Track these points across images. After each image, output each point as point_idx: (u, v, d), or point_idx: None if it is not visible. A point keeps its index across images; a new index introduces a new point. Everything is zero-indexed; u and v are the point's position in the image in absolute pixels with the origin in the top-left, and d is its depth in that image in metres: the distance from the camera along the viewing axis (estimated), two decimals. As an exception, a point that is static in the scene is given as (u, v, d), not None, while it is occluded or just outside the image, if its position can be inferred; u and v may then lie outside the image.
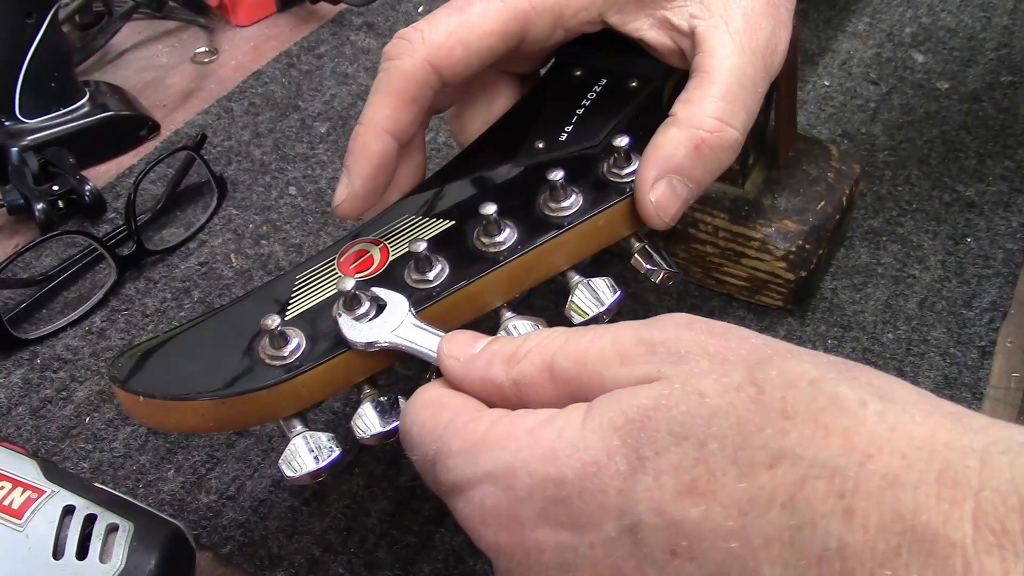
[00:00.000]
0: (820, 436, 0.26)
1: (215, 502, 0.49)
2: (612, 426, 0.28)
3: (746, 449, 0.26)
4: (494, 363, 0.33)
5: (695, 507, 0.27)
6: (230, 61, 0.79)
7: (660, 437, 0.28)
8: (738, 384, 0.28)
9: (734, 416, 0.27)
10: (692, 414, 0.28)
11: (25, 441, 0.52)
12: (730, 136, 0.40)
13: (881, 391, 0.27)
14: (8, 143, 0.66)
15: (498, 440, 0.30)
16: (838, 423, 0.26)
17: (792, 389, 0.27)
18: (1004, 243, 0.60)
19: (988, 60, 0.75)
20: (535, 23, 0.43)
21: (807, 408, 0.27)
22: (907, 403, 0.27)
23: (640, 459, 0.28)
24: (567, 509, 0.29)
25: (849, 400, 0.27)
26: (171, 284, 0.60)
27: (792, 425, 0.26)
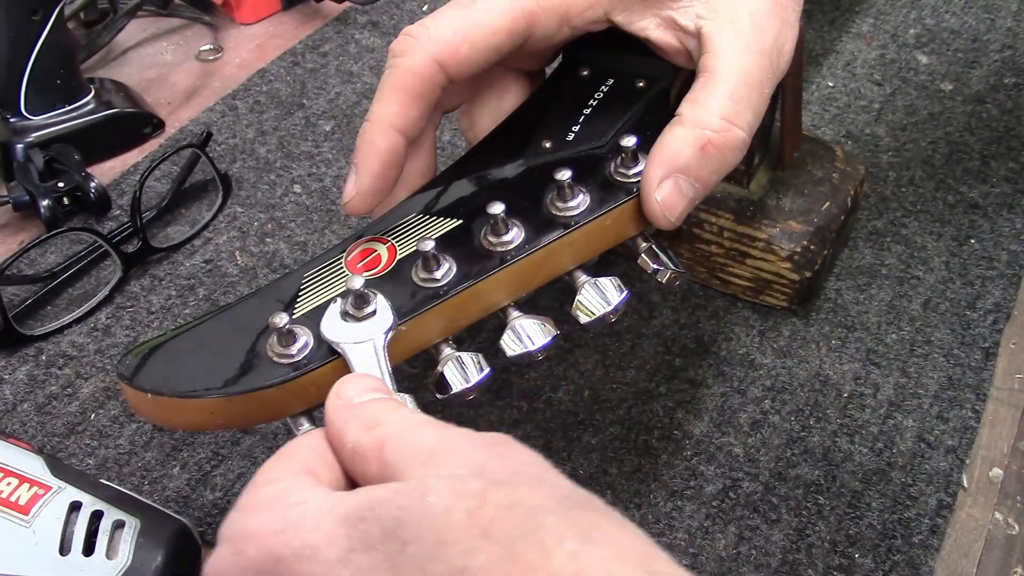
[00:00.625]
0: (505, 563, 0.26)
1: (220, 499, 0.49)
2: (344, 514, 0.28)
3: (435, 561, 0.26)
4: (352, 422, 0.32)
5: None
6: (234, 59, 0.79)
7: (371, 531, 0.27)
8: (464, 492, 0.27)
9: (441, 524, 0.27)
10: (408, 511, 0.27)
11: (31, 437, 0.52)
12: (736, 136, 0.40)
13: (593, 531, 0.27)
14: (13, 140, 0.66)
15: (263, 505, 0.30)
16: (527, 555, 0.26)
17: (507, 511, 0.27)
18: (1008, 245, 0.61)
19: (992, 62, 0.75)
20: (541, 21, 0.43)
21: (508, 533, 0.26)
22: (612, 554, 0.26)
23: (348, 551, 0.27)
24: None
25: (550, 533, 0.26)
26: (176, 281, 0.60)
27: (485, 546, 0.26)
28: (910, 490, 0.49)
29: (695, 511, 0.49)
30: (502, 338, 0.39)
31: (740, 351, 0.55)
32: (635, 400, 0.53)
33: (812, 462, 0.50)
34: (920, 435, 0.51)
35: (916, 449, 0.51)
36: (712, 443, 0.51)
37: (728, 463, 0.50)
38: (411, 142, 0.43)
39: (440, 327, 0.39)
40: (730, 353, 0.55)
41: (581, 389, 0.54)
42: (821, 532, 0.48)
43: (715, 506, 0.49)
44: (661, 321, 0.57)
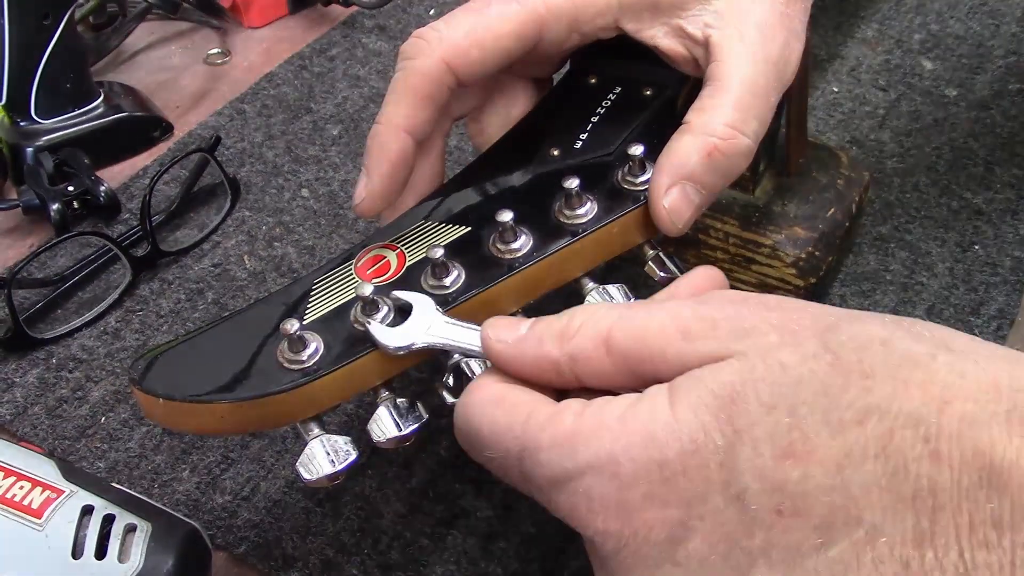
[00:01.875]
0: (901, 390, 0.28)
1: (230, 502, 0.49)
2: (702, 404, 0.30)
3: (834, 410, 0.29)
4: (545, 341, 0.34)
5: (795, 469, 0.29)
6: (242, 63, 0.80)
7: (751, 409, 0.29)
8: (814, 352, 0.30)
9: (817, 381, 0.29)
10: (777, 384, 0.29)
11: (41, 440, 0.52)
12: (742, 144, 0.41)
13: (946, 343, 0.30)
14: (23, 143, 0.66)
15: (592, 431, 0.31)
16: (915, 377, 0.28)
17: (866, 351, 0.29)
18: (1012, 251, 0.61)
19: (997, 67, 0.75)
20: (551, 27, 0.44)
21: (884, 366, 0.29)
22: (970, 351, 0.29)
23: (736, 432, 0.29)
24: (673, 488, 0.30)
25: (921, 355, 0.29)
26: (185, 285, 0.61)
27: (873, 383, 0.29)
28: (914, 495, 0.49)
29: (700, 516, 0.49)
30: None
31: (745, 356, 0.56)
32: (641, 405, 0.54)
33: (817, 467, 0.51)
34: (924, 441, 0.52)
35: (920, 454, 0.51)
36: (717, 448, 0.52)
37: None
38: (420, 143, 0.44)
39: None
40: (735, 358, 0.56)
41: (587, 394, 0.54)
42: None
43: (720, 511, 0.49)
44: (667, 326, 0.57)
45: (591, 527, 0.32)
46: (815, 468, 0.28)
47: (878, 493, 0.28)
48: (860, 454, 0.28)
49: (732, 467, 0.29)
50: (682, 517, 0.30)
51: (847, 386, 0.29)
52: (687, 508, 0.30)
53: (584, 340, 0.33)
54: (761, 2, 0.42)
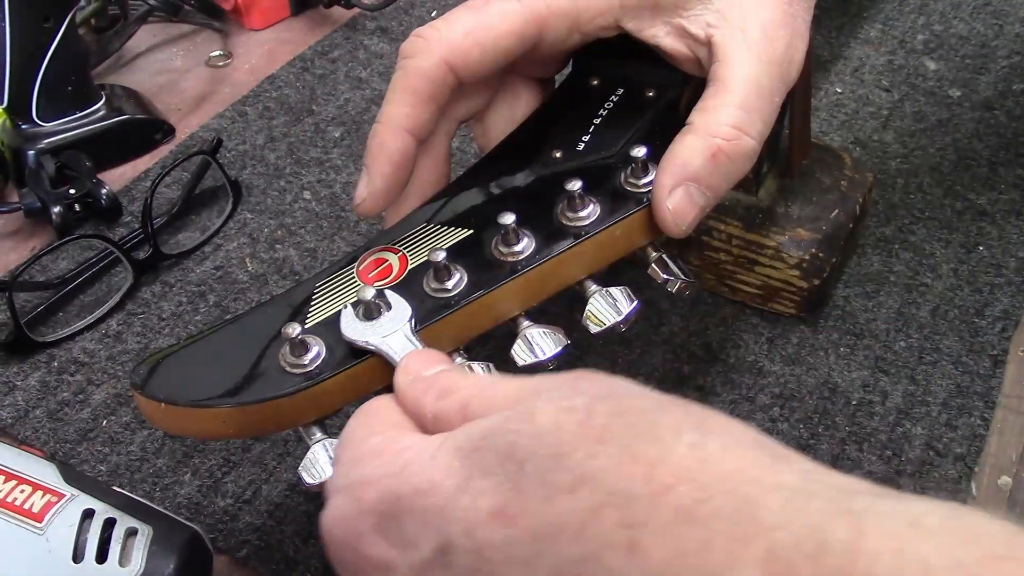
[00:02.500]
0: (627, 463, 0.25)
1: (231, 506, 0.49)
2: (455, 447, 0.29)
3: (555, 472, 0.26)
4: (429, 392, 0.33)
5: (500, 531, 0.26)
6: (244, 65, 0.80)
7: (488, 457, 0.28)
8: (570, 407, 0.28)
9: (554, 438, 0.27)
10: (521, 434, 0.27)
11: (43, 444, 0.52)
12: (747, 144, 0.40)
13: (705, 423, 0.27)
14: (25, 146, 0.66)
15: (371, 454, 0.31)
16: (648, 452, 0.25)
17: (618, 417, 0.27)
18: (1016, 251, 0.61)
19: (1000, 68, 0.75)
20: (552, 26, 0.43)
21: (623, 434, 0.26)
22: (729, 437, 0.26)
23: (467, 479, 0.28)
24: (397, 525, 0.29)
25: (666, 429, 0.26)
26: (187, 288, 0.61)
27: (603, 450, 0.26)
28: (919, 498, 0.49)
29: (704, 519, 0.49)
30: (513, 348, 0.39)
31: (749, 358, 0.56)
32: (644, 407, 0.53)
33: (821, 470, 0.50)
34: (929, 443, 0.51)
35: (925, 457, 0.51)
36: (721, 451, 0.51)
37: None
38: (423, 144, 0.44)
39: (451, 337, 0.39)
40: (739, 360, 0.56)
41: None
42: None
43: (724, 514, 0.49)
44: (670, 328, 0.57)
45: (328, 548, 0.31)
46: (518, 534, 0.26)
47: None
48: (558, 528, 0.25)
49: (448, 515, 0.28)
50: (396, 560, 0.29)
51: (577, 448, 0.26)
52: (403, 552, 0.29)
53: (451, 403, 0.32)
54: (764, 2, 0.41)
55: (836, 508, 0.23)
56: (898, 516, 0.22)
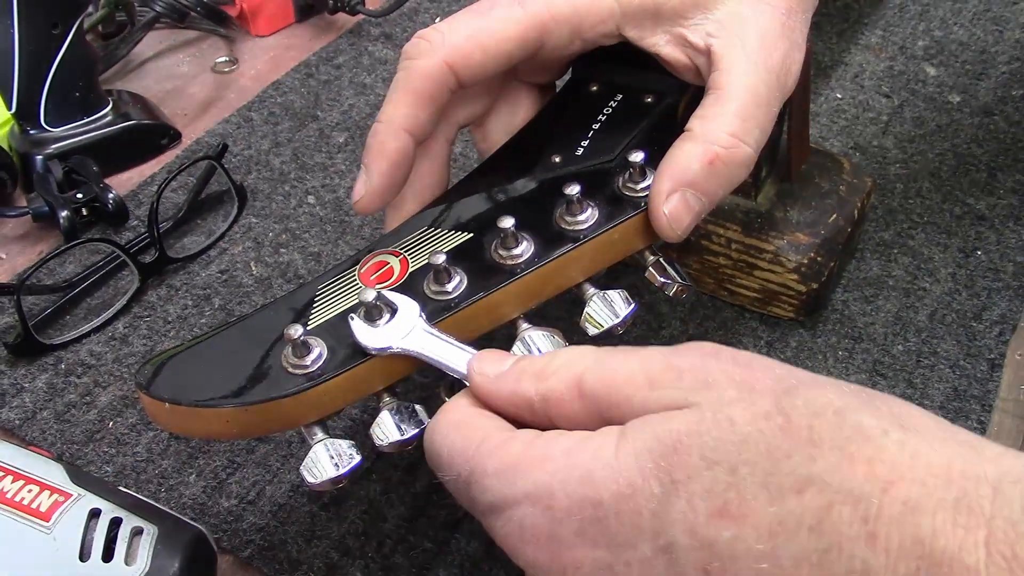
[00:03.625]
0: (846, 464, 0.27)
1: (235, 506, 0.50)
2: (646, 449, 0.30)
3: (775, 475, 0.28)
4: (523, 379, 0.34)
5: (727, 529, 0.28)
6: (250, 71, 0.80)
7: (692, 462, 0.29)
8: (766, 412, 0.29)
9: (763, 443, 0.29)
10: (723, 440, 0.29)
11: (50, 445, 0.53)
12: (744, 153, 0.41)
13: (902, 420, 0.29)
14: (33, 151, 0.67)
15: (535, 461, 0.32)
16: (862, 452, 0.28)
17: (818, 418, 0.29)
18: (1014, 256, 0.61)
19: (1000, 74, 0.75)
20: (553, 32, 0.44)
21: (833, 436, 0.28)
22: (926, 431, 0.28)
23: (673, 482, 0.29)
24: (604, 529, 0.30)
25: (872, 429, 0.28)
26: (192, 291, 0.61)
27: (819, 452, 0.28)
28: (915, 500, 0.50)
29: (702, 520, 0.49)
30: (512, 349, 0.40)
31: (748, 361, 0.56)
32: (644, 410, 0.54)
33: (818, 472, 0.51)
34: (926, 445, 0.52)
35: (922, 459, 0.51)
36: (719, 453, 0.52)
37: None
38: (420, 143, 0.44)
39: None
40: (738, 363, 0.56)
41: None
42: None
43: (722, 515, 0.49)
44: (670, 332, 0.58)
45: (522, 557, 0.32)
46: (747, 531, 0.28)
47: (808, 569, 0.27)
48: (795, 524, 0.27)
49: (664, 518, 0.29)
50: (610, 560, 0.30)
51: (792, 452, 0.28)
52: (616, 552, 0.30)
53: (558, 382, 0.33)
54: (763, 12, 0.42)
55: None
56: None
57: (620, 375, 0.32)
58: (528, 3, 0.43)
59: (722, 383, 0.31)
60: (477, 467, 0.33)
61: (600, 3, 0.43)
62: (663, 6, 0.43)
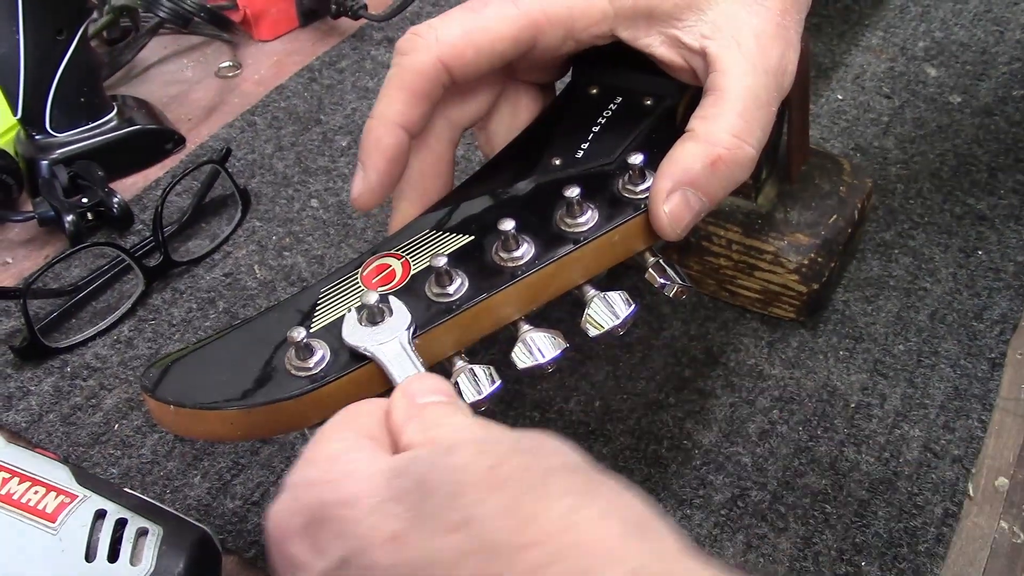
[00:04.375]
0: (506, 513, 0.27)
1: (240, 507, 0.50)
2: (387, 468, 0.30)
3: (448, 510, 0.28)
4: (413, 422, 0.34)
5: (390, 555, 0.28)
6: (253, 75, 0.81)
7: (405, 484, 0.29)
8: (487, 452, 0.29)
9: (460, 476, 0.28)
10: (435, 467, 0.29)
11: (56, 447, 0.53)
12: (746, 153, 0.41)
13: (592, 491, 0.28)
14: (39, 156, 0.67)
15: (325, 459, 0.32)
16: (528, 505, 0.27)
17: (522, 471, 0.28)
18: (1015, 256, 0.61)
19: (1001, 74, 0.76)
20: (547, 32, 0.44)
21: (516, 487, 0.28)
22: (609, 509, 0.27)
23: (382, 501, 0.29)
24: (319, 531, 0.30)
25: (554, 489, 0.28)
26: (197, 294, 0.62)
27: (493, 498, 0.27)
28: (916, 499, 0.50)
29: (704, 519, 0.50)
30: (513, 351, 0.40)
31: (749, 362, 0.56)
32: (645, 410, 0.54)
33: (819, 471, 0.51)
34: (926, 445, 0.52)
35: (922, 459, 0.52)
36: (721, 453, 0.52)
37: (736, 472, 0.51)
38: (414, 138, 0.44)
39: (453, 340, 0.40)
40: (739, 364, 0.56)
41: (592, 400, 0.55)
42: (828, 540, 0.48)
43: (723, 515, 0.50)
44: (671, 332, 0.58)
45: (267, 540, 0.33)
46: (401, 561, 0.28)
47: None
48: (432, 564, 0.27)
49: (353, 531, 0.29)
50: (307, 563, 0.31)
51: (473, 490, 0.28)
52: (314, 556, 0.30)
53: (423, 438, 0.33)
54: (757, 13, 0.42)
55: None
56: None
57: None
58: (522, 2, 0.43)
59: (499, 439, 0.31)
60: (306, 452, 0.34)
61: (594, 4, 0.44)
62: (656, 8, 0.43)
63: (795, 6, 0.43)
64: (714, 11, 0.42)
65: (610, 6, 0.44)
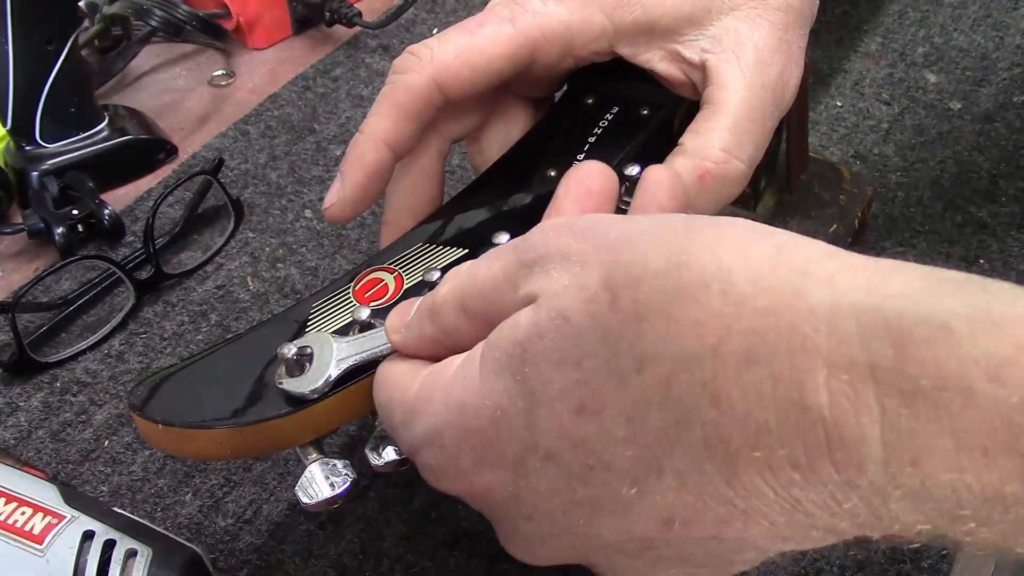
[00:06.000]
0: (673, 330, 0.27)
1: (232, 525, 0.49)
2: (501, 366, 0.30)
3: (615, 359, 0.28)
4: (424, 321, 0.35)
5: (589, 424, 0.28)
6: (247, 84, 0.80)
7: (541, 368, 0.29)
8: (595, 294, 0.29)
9: (599, 329, 0.28)
10: (562, 337, 0.29)
11: (45, 464, 0.52)
12: (736, 168, 0.41)
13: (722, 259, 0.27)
14: (29, 168, 0.66)
15: (422, 404, 0.33)
16: (687, 314, 0.27)
17: (640, 285, 0.28)
18: (1017, 265, 0.61)
19: (1001, 80, 0.75)
20: (544, 50, 0.44)
21: (656, 303, 0.27)
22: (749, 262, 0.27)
23: (531, 393, 0.29)
24: (494, 451, 0.31)
25: (694, 286, 0.27)
26: (188, 307, 0.61)
27: (648, 326, 0.27)
28: (919, 514, 0.49)
29: (704, 535, 0.49)
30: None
31: (749, 374, 0.56)
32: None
33: (821, 486, 0.50)
34: (929, 458, 0.51)
35: (925, 472, 0.51)
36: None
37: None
38: (400, 157, 0.44)
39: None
40: (739, 376, 0.55)
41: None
42: (829, 557, 0.48)
43: (724, 530, 0.49)
44: (670, 344, 0.57)
45: (447, 491, 0.34)
46: (607, 422, 0.28)
47: (669, 443, 0.27)
48: (645, 403, 0.27)
49: (536, 429, 0.30)
50: (512, 477, 0.31)
51: (624, 331, 0.28)
52: (511, 469, 0.31)
53: (447, 314, 0.34)
54: (759, 27, 0.42)
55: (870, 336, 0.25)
56: None
57: (487, 285, 0.33)
58: (519, 20, 0.43)
59: (557, 265, 0.30)
60: (391, 420, 0.35)
61: (592, 21, 0.43)
62: (657, 23, 0.42)
63: (799, 21, 0.42)
64: (716, 25, 0.42)
65: (609, 23, 0.43)
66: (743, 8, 0.42)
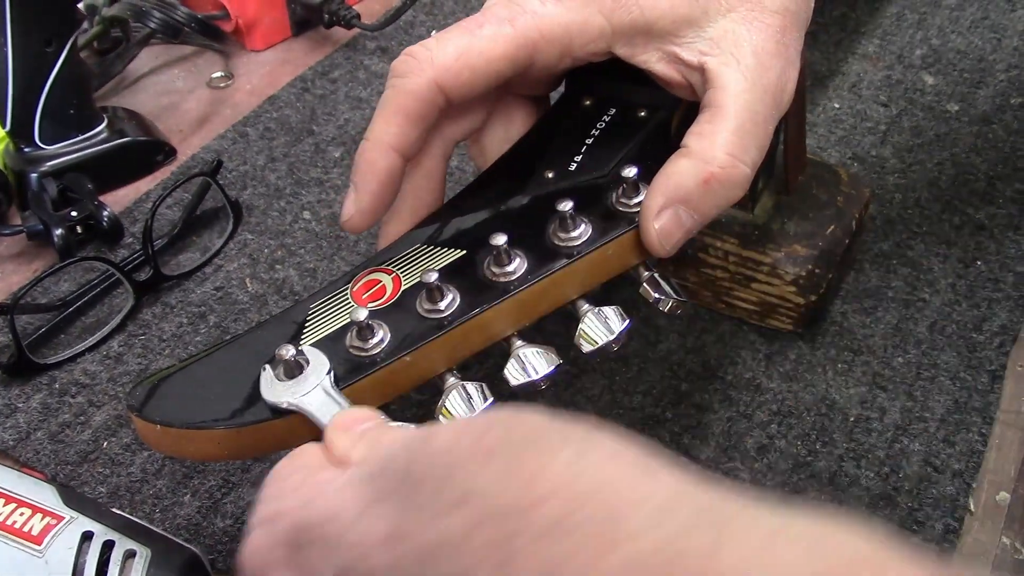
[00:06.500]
0: (505, 478, 0.26)
1: (231, 526, 0.49)
2: (360, 475, 0.30)
3: (446, 490, 0.27)
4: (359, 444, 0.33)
5: (390, 552, 0.27)
6: (245, 86, 0.80)
7: (387, 485, 0.28)
8: (466, 430, 0.28)
9: (450, 456, 0.27)
10: (417, 454, 0.28)
11: (44, 466, 0.52)
12: (741, 172, 0.41)
13: (588, 440, 0.27)
14: (28, 169, 0.66)
15: (289, 489, 0.32)
16: (528, 465, 0.26)
17: (508, 432, 0.27)
18: (1014, 266, 0.61)
19: (998, 82, 0.75)
20: (543, 51, 0.44)
21: (509, 449, 0.27)
22: (609, 454, 0.26)
23: (367, 505, 0.28)
24: (305, 555, 0.30)
25: (547, 445, 0.26)
26: (187, 309, 0.61)
27: (491, 463, 0.26)
28: (916, 515, 0.49)
29: (702, 536, 0.49)
30: (506, 368, 0.39)
31: (746, 375, 0.56)
32: (642, 425, 0.54)
33: (818, 487, 0.51)
34: (927, 459, 0.51)
35: (923, 473, 0.51)
36: (719, 468, 0.52)
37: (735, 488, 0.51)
38: (408, 161, 0.44)
39: (444, 357, 0.39)
40: (736, 377, 0.56)
41: (587, 415, 0.54)
42: None
43: (722, 531, 0.49)
44: (667, 346, 0.57)
45: None
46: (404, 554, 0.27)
47: None
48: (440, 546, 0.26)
49: (345, 540, 0.29)
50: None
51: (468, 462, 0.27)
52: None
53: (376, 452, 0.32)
54: (757, 30, 0.42)
55: (699, 520, 0.24)
56: (760, 525, 0.23)
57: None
58: (518, 21, 0.43)
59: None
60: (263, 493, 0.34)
61: (591, 22, 0.43)
62: (655, 24, 0.43)
63: (795, 24, 0.43)
64: (714, 28, 0.42)
65: (607, 24, 0.43)
66: (740, 10, 0.42)
